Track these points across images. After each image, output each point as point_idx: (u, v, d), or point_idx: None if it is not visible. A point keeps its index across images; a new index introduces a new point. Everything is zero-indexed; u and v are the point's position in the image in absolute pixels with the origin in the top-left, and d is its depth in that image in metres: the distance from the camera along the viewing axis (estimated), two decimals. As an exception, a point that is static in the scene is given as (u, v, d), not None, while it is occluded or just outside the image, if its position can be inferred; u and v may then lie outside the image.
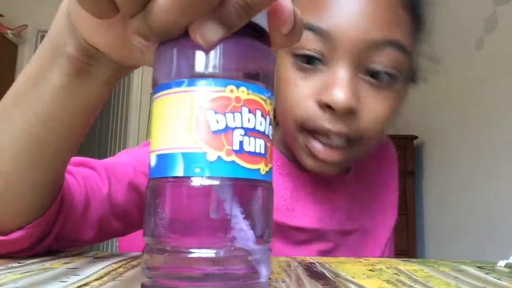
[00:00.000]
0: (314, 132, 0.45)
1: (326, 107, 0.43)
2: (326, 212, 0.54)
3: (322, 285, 0.27)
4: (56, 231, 0.37)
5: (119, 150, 3.66)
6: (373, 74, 0.44)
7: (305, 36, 0.42)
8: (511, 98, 1.84)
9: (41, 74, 0.30)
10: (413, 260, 0.42)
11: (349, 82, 0.42)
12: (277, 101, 0.48)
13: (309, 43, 0.43)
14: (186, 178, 0.20)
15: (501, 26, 1.92)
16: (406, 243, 2.44)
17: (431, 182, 2.51)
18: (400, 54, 0.44)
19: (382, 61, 0.44)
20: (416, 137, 2.58)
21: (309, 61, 0.44)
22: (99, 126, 4.86)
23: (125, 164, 0.47)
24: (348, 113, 0.43)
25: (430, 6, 0.48)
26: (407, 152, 2.53)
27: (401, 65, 0.45)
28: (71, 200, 0.39)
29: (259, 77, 0.22)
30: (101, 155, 4.48)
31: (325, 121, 0.43)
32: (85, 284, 0.24)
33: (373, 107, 0.45)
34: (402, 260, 0.42)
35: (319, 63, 0.44)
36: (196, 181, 0.20)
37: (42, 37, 3.31)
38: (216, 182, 0.20)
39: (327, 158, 0.45)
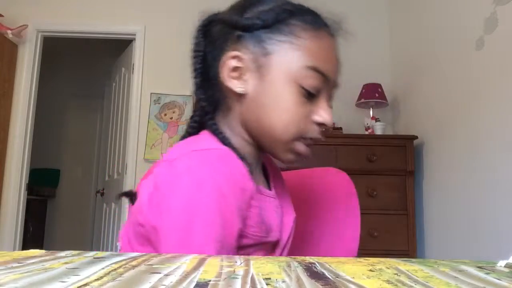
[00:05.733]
0: (305, 139, 0.64)
1: (319, 124, 0.63)
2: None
3: (322, 285, 0.27)
4: None
5: (119, 151, 3.63)
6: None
7: (315, 76, 0.61)
8: (511, 98, 1.84)
9: None
10: (413, 260, 0.42)
11: (330, 109, 0.65)
12: (274, 117, 0.62)
13: (314, 81, 0.61)
14: None
15: (501, 26, 1.92)
16: (406, 243, 2.44)
17: (431, 182, 2.52)
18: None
19: (332, 97, 0.66)
20: (416, 137, 2.58)
21: (308, 92, 0.62)
22: (99, 126, 4.86)
23: None
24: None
25: None
26: (407, 152, 2.53)
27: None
28: None
29: None
30: (101, 155, 4.49)
31: (319, 134, 0.64)
32: (85, 284, 0.24)
33: None
34: (402, 260, 0.42)
35: (314, 94, 0.63)
36: None
37: (42, 37, 3.31)
38: None
39: (307, 153, 0.65)
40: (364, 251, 2.51)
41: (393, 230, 2.44)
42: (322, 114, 0.63)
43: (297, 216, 0.78)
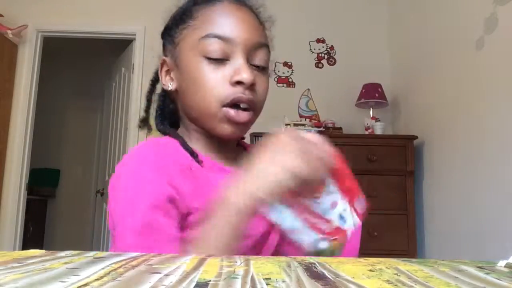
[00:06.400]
0: (230, 104, 0.64)
1: (238, 84, 0.63)
2: None
3: (322, 285, 0.27)
4: None
5: (119, 150, 3.62)
6: (257, 66, 0.67)
7: (213, 42, 0.64)
8: (511, 98, 1.85)
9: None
10: (413, 260, 0.42)
11: (248, 66, 0.65)
12: (195, 95, 0.65)
13: (213, 46, 0.64)
14: None
15: (501, 26, 1.92)
16: (406, 243, 2.44)
17: (431, 182, 2.52)
18: (267, 52, 0.69)
19: (261, 58, 0.67)
20: (416, 137, 2.58)
21: (214, 59, 0.64)
22: (99, 125, 4.86)
23: None
24: (252, 86, 0.64)
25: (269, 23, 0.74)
26: (407, 152, 2.53)
27: (268, 60, 0.69)
28: None
29: None
30: (101, 155, 4.49)
31: (239, 93, 0.64)
32: (85, 284, 0.24)
33: (261, 84, 0.67)
34: (402, 260, 0.42)
35: (222, 59, 0.64)
36: None
37: (42, 37, 3.31)
38: None
39: (241, 119, 0.65)
40: (364, 251, 2.51)
41: (393, 230, 2.44)
42: (237, 72, 0.64)
43: None
